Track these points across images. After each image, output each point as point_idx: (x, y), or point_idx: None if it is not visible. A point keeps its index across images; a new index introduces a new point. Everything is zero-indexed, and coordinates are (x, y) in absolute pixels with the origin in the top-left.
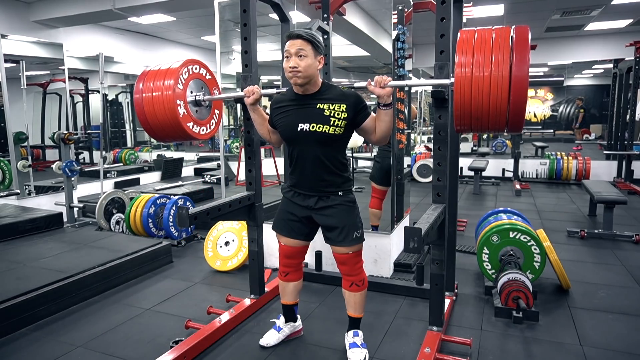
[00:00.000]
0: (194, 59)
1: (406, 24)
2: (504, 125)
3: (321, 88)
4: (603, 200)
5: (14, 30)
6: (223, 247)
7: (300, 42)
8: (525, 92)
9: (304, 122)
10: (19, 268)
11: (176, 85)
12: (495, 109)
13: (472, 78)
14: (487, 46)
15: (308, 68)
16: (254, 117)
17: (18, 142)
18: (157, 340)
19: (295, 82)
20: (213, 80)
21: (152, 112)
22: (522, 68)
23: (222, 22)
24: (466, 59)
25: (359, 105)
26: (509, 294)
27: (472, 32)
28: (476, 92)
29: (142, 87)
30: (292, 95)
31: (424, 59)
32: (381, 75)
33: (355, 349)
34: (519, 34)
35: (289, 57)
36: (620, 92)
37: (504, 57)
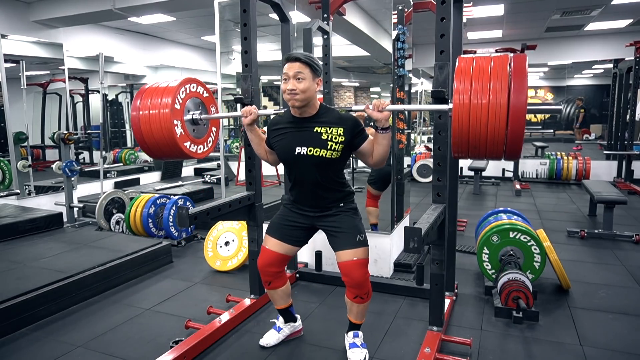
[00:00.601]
0: (191, 77)
1: (406, 24)
2: (502, 153)
3: (319, 111)
4: (603, 200)
5: (14, 30)
6: (223, 247)
7: (298, 65)
8: (523, 121)
9: (301, 145)
10: (19, 268)
11: (173, 104)
12: (493, 138)
13: (470, 106)
14: (485, 74)
15: (306, 90)
16: (251, 137)
17: (18, 142)
18: (157, 340)
19: (293, 104)
20: (210, 97)
21: (148, 130)
22: (520, 97)
23: (222, 22)
24: (464, 86)
25: (357, 129)
26: (509, 294)
27: (470, 60)
28: (474, 120)
29: (140, 104)
30: (290, 118)
31: (424, 59)
32: (379, 99)
33: (355, 349)
34: (517, 62)
35: (287, 80)
36: (620, 92)
37: (502, 86)
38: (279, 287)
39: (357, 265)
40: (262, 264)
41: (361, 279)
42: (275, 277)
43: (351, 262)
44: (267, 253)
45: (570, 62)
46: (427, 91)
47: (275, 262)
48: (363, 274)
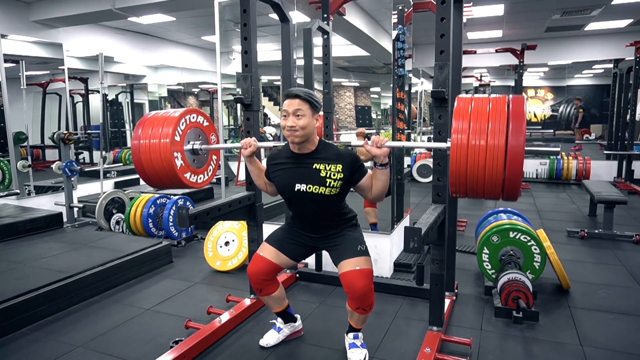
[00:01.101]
0: (192, 108)
1: (406, 24)
2: (500, 194)
3: (318, 147)
4: (603, 200)
5: (14, 30)
6: (223, 247)
7: (298, 102)
8: (521, 163)
9: (300, 182)
10: (19, 268)
11: (174, 136)
12: (491, 180)
13: (468, 146)
14: (484, 115)
15: (305, 127)
16: (251, 168)
17: (18, 142)
18: (157, 340)
19: (293, 140)
20: (211, 126)
21: (148, 160)
22: (518, 138)
23: (222, 22)
24: (463, 126)
25: (355, 165)
26: (509, 294)
27: (469, 100)
28: (472, 161)
29: (141, 133)
30: (289, 153)
31: (424, 59)
32: (378, 136)
33: (355, 349)
34: (515, 103)
35: (287, 117)
36: (620, 92)
37: (500, 127)
38: (271, 294)
39: (360, 275)
40: (253, 271)
41: (364, 290)
42: (266, 285)
43: (353, 271)
44: (261, 261)
45: (570, 62)
46: (427, 91)
47: (267, 270)
48: (366, 284)
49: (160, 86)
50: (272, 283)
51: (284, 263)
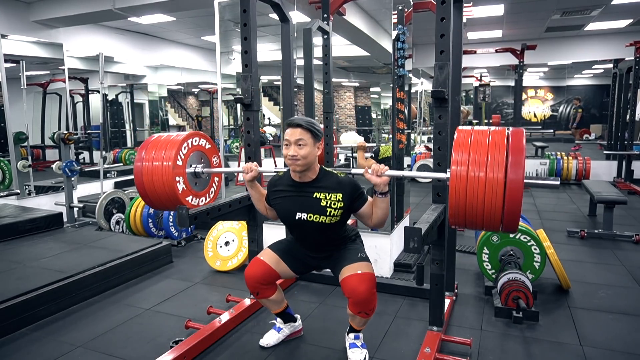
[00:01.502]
0: (195, 132)
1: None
2: (499, 226)
3: (318, 175)
4: (603, 200)
5: (14, 30)
6: (223, 247)
7: (300, 131)
8: (520, 196)
9: (301, 211)
10: (19, 268)
11: (176, 160)
12: (490, 212)
13: (467, 178)
14: (483, 148)
15: (307, 156)
16: (252, 192)
17: (18, 142)
18: (157, 340)
19: (295, 169)
20: (213, 149)
21: (150, 182)
22: (517, 171)
23: (222, 22)
24: (462, 158)
25: (355, 193)
26: (509, 294)
27: (468, 132)
28: (471, 194)
29: (144, 155)
30: (290, 181)
31: (424, 59)
32: (378, 164)
33: (355, 349)
34: (514, 136)
35: (289, 145)
36: (620, 92)
37: (500, 160)
38: (268, 297)
39: (362, 279)
40: (251, 274)
41: (366, 295)
42: (263, 289)
43: (354, 275)
44: (261, 265)
45: (570, 62)
46: (427, 91)
47: (264, 275)
48: (368, 288)
49: (160, 86)
50: (269, 287)
51: (284, 272)
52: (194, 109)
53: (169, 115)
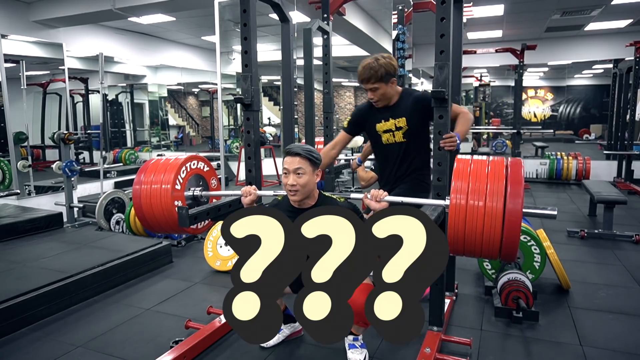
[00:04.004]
0: (193, 155)
1: (406, 24)
2: (497, 254)
3: (317, 201)
4: (603, 200)
5: (14, 30)
6: (223, 247)
7: (298, 160)
8: (519, 225)
9: None
10: (19, 268)
11: (174, 185)
12: (489, 241)
13: (466, 207)
14: (482, 178)
15: (306, 185)
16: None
17: (18, 142)
18: (157, 340)
19: (294, 199)
20: (211, 171)
21: (149, 206)
22: (516, 201)
23: (222, 22)
24: (462, 186)
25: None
26: (509, 294)
27: (467, 162)
28: (470, 224)
29: (143, 178)
30: (289, 207)
31: (424, 59)
32: (377, 190)
33: (355, 350)
34: (513, 166)
35: (288, 174)
36: (620, 92)
37: (499, 190)
38: None
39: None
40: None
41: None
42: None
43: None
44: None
45: (570, 62)
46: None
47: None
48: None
49: (160, 86)
50: None
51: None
52: (194, 109)
53: (169, 116)
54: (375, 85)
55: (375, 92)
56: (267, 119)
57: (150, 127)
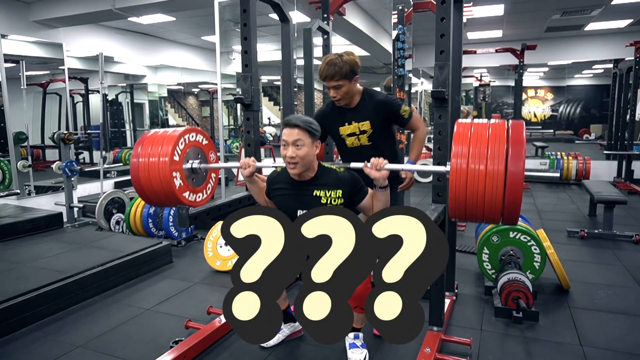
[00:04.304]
0: (192, 127)
1: (406, 24)
2: (499, 218)
3: (317, 173)
4: (603, 200)
5: (14, 30)
6: (223, 247)
7: (297, 132)
8: (521, 188)
9: (302, 209)
10: (19, 268)
11: (173, 156)
12: (490, 205)
13: (467, 171)
14: (483, 140)
15: (305, 157)
16: (251, 187)
17: (18, 142)
18: (157, 340)
19: (294, 172)
20: (209, 145)
21: (147, 179)
22: (517, 164)
23: (222, 22)
24: (462, 151)
25: (355, 188)
26: (509, 294)
27: (468, 125)
28: (471, 186)
29: (140, 151)
30: (289, 179)
31: (424, 59)
32: (377, 158)
33: (356, 349)
34: (514, 129)
35: (287, 146)
36: (620, 92)
37: (500, 152)
38: None
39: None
40: None
41: (361, 289)
42: None
43: None
44: None
45: (570, 62)
46: (427, 91)
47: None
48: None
49: (160, 86)
50: None
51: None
52: (194, 109)
53: (169, 116)
54: (340, 83)
55: (338, 90)
56: (267, 119)
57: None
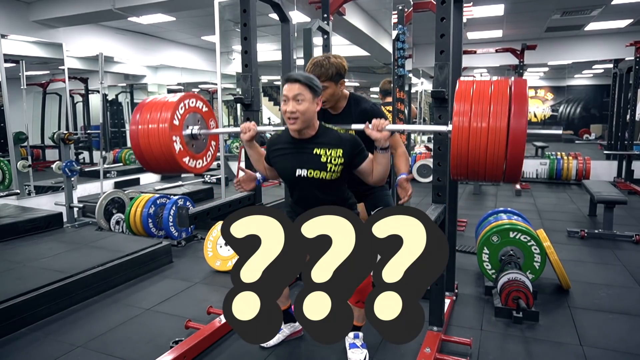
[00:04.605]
0: (191, 93)
1: (406, 24)
2: (501, 176)
3: (318, 131)
4: (603, 200)
5: (14, 30)
6: (223, 247)
7: (298, 87)
8: (523, 145)
9: (301, 167)
10: (19, 268)
11: (172, 120)
12: (492, 161)
13: (469, 129)
14: (486, 97)
15: (306, 112)
16: (251, 153)
17: (18, 142)
18: (157, 340)
19: (294, 128)
20: (209, 112)
21: (147, 144)
22: (520, 121)
23: (222, 22)
24: (464, 109)
25: (356, 149)
26: (509, 294)
27: (470, 83)
28: (473, 143)
29: (139, 118)
30: (289, 138)
31: (424, 59)
32: (378, 119)
33: (355, 349)
34: (517, 86)
35: (287, 101)
36: (620, 92)
37: (502, 109)
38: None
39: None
40: None
41: (363, 285)
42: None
43: None
44: None
45: (570, 62)
46: (427, 91)
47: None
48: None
49: (160, 86)
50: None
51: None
52: None
53: None
54: (325, 84)
55: (325, 90)
56: (267, 119)
57: None
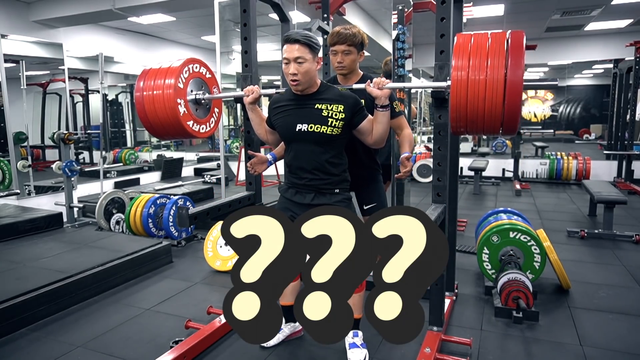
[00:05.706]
0: (194, 58)
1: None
2: (499, 128)
3: (320, 88)
4: (603, 200)
5: (14, 30)
6: (223, 247)
7: (297, 47)
8: (520, 96)
9: (302, 122)
10: (19, 268)
11: (177, 84)
12: (490, 112)
13: (468, 81)
14: (483, 51)
15: (307, 73)
16: (252, 116)
17: (18, 142)
18: (157, 340)
19: (296, 89)
20: (213, 79)
21: (152, 110)
22: (516, 72)
23: (222, 22)
24: (462, 63)
25: (357, 106)
26: (509, 294)
27: (468, 37)
28: (472, 95)
29: (143, 85)
30: (291, 95)
31: (424, 59)
32: (379, 77)
33: (355, 349)
34: (514, 38)
35: (288, 63)
36: (620, 92)
37: (499, 62)
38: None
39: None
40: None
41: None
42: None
43: None
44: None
45: (570, 62)
46: (427, 91)
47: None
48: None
49: None
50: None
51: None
52: None
53: None
54: (350, 49)
55: (347, 55)
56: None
57: None
